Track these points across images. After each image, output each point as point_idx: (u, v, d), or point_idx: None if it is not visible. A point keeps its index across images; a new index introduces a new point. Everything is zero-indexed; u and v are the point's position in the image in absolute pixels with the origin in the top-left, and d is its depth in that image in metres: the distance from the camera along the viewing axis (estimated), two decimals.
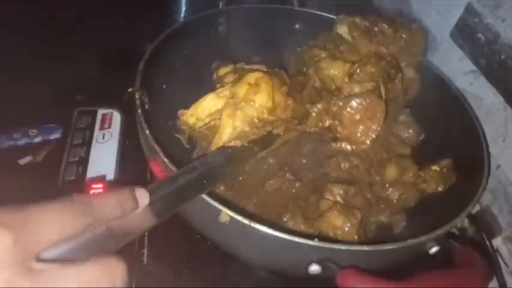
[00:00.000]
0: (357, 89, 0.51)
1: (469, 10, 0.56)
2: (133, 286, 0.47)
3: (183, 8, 0.79)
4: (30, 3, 0.77)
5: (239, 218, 0.36)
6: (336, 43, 0.58)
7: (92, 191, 0.54)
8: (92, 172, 0.57)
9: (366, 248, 0.36)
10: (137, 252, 0.50)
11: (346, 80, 0.53)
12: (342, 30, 0.59)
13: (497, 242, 0.53)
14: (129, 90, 0.46)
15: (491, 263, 0.47)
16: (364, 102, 0.50)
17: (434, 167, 0.52)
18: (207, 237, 0.47)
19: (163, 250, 0.51)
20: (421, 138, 0.58)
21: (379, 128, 0.51)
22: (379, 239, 0.49)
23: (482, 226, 0.51)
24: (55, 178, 0.56)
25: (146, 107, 0.46)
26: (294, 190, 0.51)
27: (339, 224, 0.45)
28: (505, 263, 0.51)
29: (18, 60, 0.70)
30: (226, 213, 0.36)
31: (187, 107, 0.54)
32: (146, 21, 0.78)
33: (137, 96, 0.45)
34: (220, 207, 0.36)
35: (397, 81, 0.54)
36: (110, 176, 0.57)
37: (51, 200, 0.25)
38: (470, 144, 0.50)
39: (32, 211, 0.24)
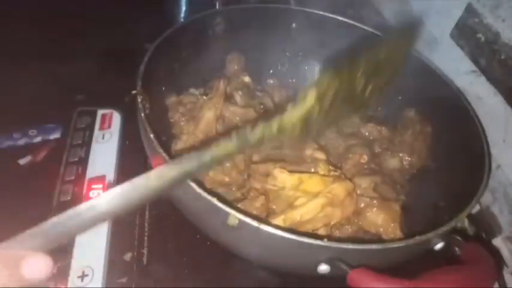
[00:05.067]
0: None
1: (469, 10, 0.56)
2: (134, 286, 0.47)
3: (183, 9, 0.79)
4: (30, 4, 0.77)
5: (248, 220, 0.36)
6: None
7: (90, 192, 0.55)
8: (91, 172, 0.57)
9: (375, 246, 0.36)
10: (137, 252, 0.50)
11: None
12: None
13: (497, 242, 0.53)
14: (133, 92, 0.45)
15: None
16: None
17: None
18: (215, 240, 0.46)
19: (163, 250, 0.51)
20: None
21: None
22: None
23: (482, 226, 0.52)
24: (55, 178, 0.56)
25: (146, 111, 0.45)
26: None
27: (380, 222, 0.47)
28: (505, 263, 0.51)
29: (18, 60, 0.70)
30: (235, 216, 0.36)
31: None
32: (146, 21, 0.78)
33: (139, 99, 0.45)
34: (228, 210, 0.36)
35: None
36: (110, 176, 0.57)
37: None
38: (470, 144, 0.49)
39: None
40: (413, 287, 0.35)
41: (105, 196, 0.27)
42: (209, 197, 0.37)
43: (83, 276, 0.46)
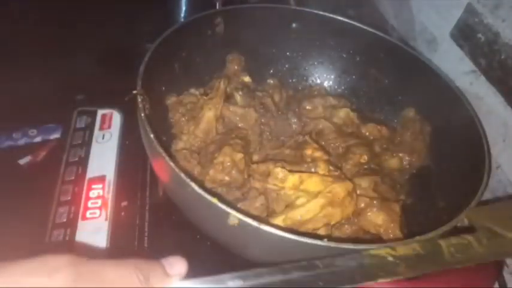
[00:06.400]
0: None
1: (469, 10, 0.56)
2: None
3: (183, 8, 0.79)
4: (30, 4, 0.77)
5: (248, 220, 0.36)
6: None
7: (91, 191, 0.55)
8: (91, 172, 0.57)
9: (374, 246, 0.36)
10: (137, 252, 0.50)
11: None
12: None
13: None
14: (134, 92, 0.45)
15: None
16: None
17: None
18: (215, 239, 0.46)
19: (163, 250, 0.51)
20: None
21: None
22: None
23: None
24: (55, 178, 0.56)
25: (146, 112, 0.45)
26: None
27: (380, 222, 0.47)
28: (505, 263, 0.51)
29: (18, 60, 0.70)
30: (235, 216, 0.36)
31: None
32: (146, 21, 0.78)
33: (140, 99, 0.45)
34: (228, 210, 0.36)
35: None
36: (110, 176, 0.57)
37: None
38: (470, 144, 0.49)
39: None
40: (413, 287, 0.35)
41: None
42: (209, 197, 0.36)
43: None
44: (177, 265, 0.29)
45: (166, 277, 0.27)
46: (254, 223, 0.35)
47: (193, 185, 0.37)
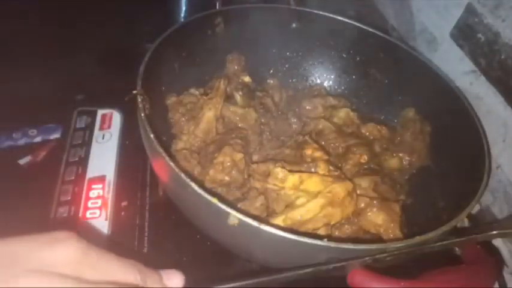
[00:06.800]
0: None
1: (469, 10, 0.56)
2: None
3: (183, 8, 0.79)
4: (30, 4, 0.77)
5: (248, 220, 0.36)
6: None
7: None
8: (91, 172, 0.57)
9: (374, 246, 0.37)
10: (136, 253, 0.50)
11: None
12: None
13: (497, 242, 0.53)
14: (134, 92, 0.45)
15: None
16: None
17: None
18: (215, 239, 0.46)
19: (163, 250, 0.51)
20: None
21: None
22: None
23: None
24: (55, 178, 0.56)
25: (146, 112, 0.45)
26: None
27: (380, 222, 0.47)
28: (505, 263, 0.51)
29: (18, 60, 0.70)
30: (235, 216, 0.36)
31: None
32: (146, 21, 0.78)
33: (140, 99, 0.45)
34: (228, 210, 0.36)
35: None
36: (110, 176, 0.57)
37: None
38: (470, 144, 0.50)
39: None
40: (413, 287, 0.35)
41: None
42: (209, 197, 0.37)
43: None
44: (175, 278, 0.29)
45: (162, 286, 0.28)
46: (254, 223, 0.35)
47: (193, 185, 0.37)
